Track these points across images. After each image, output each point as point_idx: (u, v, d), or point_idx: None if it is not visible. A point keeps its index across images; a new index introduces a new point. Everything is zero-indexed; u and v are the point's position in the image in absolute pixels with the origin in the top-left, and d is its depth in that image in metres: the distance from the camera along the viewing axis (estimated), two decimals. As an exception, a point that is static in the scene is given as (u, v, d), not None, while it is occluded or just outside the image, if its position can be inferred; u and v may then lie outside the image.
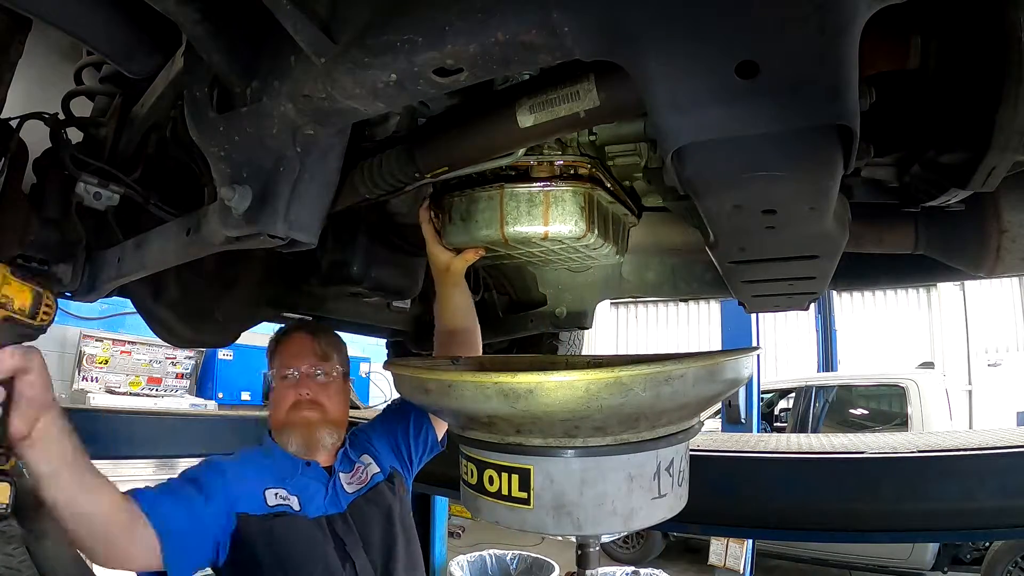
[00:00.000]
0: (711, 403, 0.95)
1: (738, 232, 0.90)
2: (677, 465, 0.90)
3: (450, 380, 0.83)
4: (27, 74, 1.18)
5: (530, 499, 0.85)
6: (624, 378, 0.73)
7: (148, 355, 6.30)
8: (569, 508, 0.84)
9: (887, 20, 0.65)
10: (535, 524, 0.86)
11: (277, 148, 0.82)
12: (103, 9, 0.92)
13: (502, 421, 0.85)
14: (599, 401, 0.74)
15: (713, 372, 0.80)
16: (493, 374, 0.79)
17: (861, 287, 9.53)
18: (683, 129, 0.61)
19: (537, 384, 0.75)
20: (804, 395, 6.49)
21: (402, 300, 1.84)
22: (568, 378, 0.74)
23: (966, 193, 0.89)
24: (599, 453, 0.83)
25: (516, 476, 0.86)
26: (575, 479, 0.83)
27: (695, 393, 0.79)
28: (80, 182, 1.22)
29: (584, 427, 0.81)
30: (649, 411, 0.79)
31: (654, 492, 0.86)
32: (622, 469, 0.84)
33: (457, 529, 7.44)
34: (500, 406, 0.78)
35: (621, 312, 12.51)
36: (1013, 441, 1.78)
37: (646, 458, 0.85)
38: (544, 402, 0.75)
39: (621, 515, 0.84)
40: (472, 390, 0.81)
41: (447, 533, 3.62)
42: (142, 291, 1.56)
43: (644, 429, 0.84)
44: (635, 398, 0.74)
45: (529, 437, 0.85)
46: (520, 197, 1.05)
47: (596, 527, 0.85)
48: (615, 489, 0.84)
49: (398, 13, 0.64)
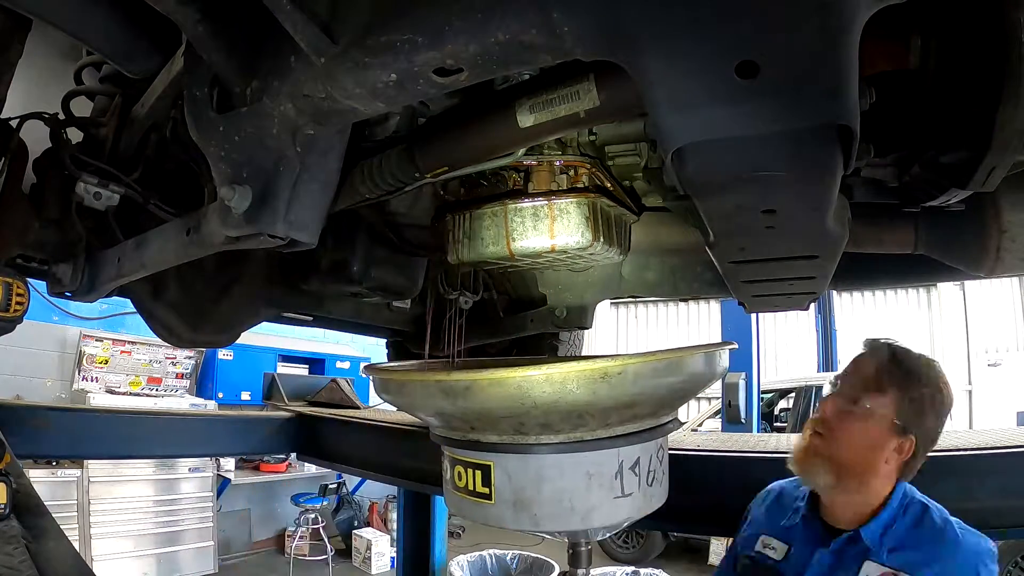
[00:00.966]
0: (677, 400, 0.95)
1: (738, 232, 0.90)
2: (646, 464, 0.91)
3: (403, 380, 0.88)
4: (27, 74, 1.18)
5: (491, 494, 0.88)
6: (555, 375, 0.76)
7: (148, 355, 6.30)
8: (527, 504, 0.86)
9: (887, 20, 0.65)
10: (496, 518, 0.89)
11: (277, 148, 0.82)
12: (103, 9, 0.92)
13: (453, 418, 0.89)
14: (532, 398, 0.77)
15: (657, 369, 0.80)
16: (435, 373, 0.84)
17: (861, 287, 9.52)
18: (683, 129, 0.61)
19: (472, 382, 0.79)
20: (804, 395, 6.48)
21: (402, 300, 1.84)
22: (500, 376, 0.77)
23: (966, 193, 0.89)
24: (554, 450, 0.85)
25: (479, 472, 0.89)
26: (532, 476, 0.86)
27: (639, 390, 0.80)
28: (80, 182, 1.23)
29: (529, 424, 0.83)
30: (591, 409, 0.81)
31: (616, 491, 0.87)
32: (579, 467, 0.86)
33: (457, 529, 7.44)
34: (443, 403, 0.83)
35: (621, 312, 12.51)
36: (1013, 441, 1.78)
37: (605, 456, 0.87)
38: (480, 399, 0.80)
39: (580, 513, 0.86)
40: (419, 389, 0.87)
41: (447, 533, 3.62)
42: (142, 291, 1.56)
43: (597, 427, 0.85)
44: (569, 395, 0.76)
45: (485, 434, 0.88)
46: (524, 212, 1.06)
47: (554, 523, 0.87)
48: (572, 486, 0.86)
49: (398, 13, 0.64)
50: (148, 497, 5.64)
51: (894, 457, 1.16)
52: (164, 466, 5.77)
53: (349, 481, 7.37)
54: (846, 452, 1.16)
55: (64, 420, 2.70)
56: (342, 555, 6.87)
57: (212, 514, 6.06)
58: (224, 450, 4.51)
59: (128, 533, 5.39)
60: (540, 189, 1.08)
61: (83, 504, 5.09)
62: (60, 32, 0.94)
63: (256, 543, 7.03)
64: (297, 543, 6.53)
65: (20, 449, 2.23)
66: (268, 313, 1.85)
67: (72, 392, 5.73)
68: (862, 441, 1.15)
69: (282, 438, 3.44)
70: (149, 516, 5.59)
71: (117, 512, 5.33)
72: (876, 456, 1.15)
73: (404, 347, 2.49)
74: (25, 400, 4.28)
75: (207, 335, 1.71)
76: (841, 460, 1.15)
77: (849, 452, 1.16)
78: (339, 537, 7.15)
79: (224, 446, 3.57)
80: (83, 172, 1.23)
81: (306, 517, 6.63)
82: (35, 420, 2.55)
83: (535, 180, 1.09)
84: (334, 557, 6.51)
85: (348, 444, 3.26)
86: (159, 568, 5.57)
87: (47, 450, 3.07)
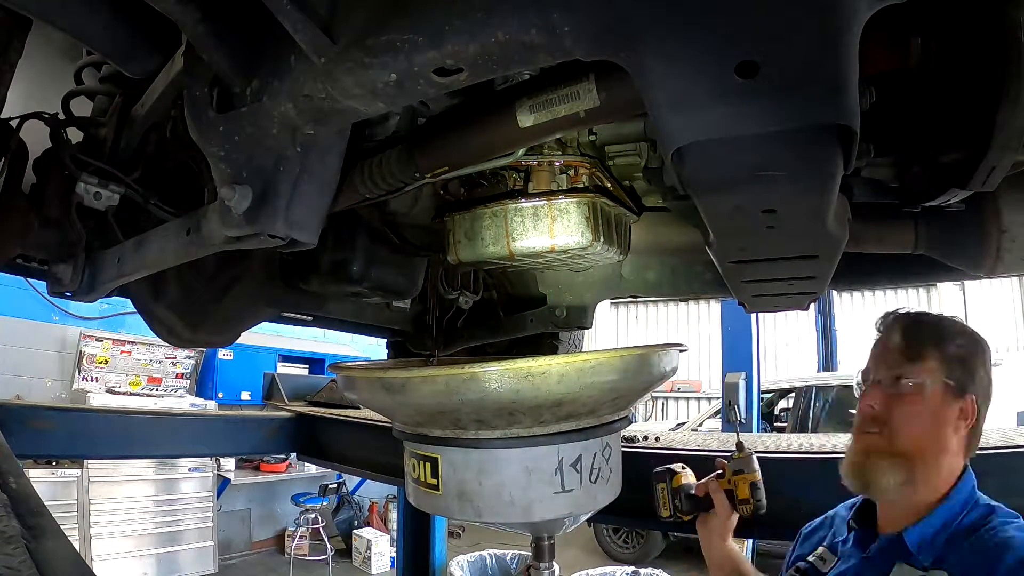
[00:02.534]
0: (619, 400, 0.96)
1: (738, 232, 0.90)
2: (588, 462, 0.93)
3: (353, 377, 0.94)
4: (27, 74, 1.18)
5: (439, 485, 0.93)
6: (479, 374, 0.80)
7: (148, 355, 6.30)
8: (470, 496, 0.91)
9: (887, 20, 0.65)
10: (444, 509, 0.94)
11: (277, 148, 0.82)
12: (103, 9, 0.92)
13: (397, 413, 0.95)
14: (459, 395, 0.81)
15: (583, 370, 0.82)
16: (377, 371, 0.90)
17: (861, 287, 9.53)
18: (683, 129, 0.61)
19: (407, 379, 0.84)
20: (804, 395, 6.48)
21: (402, 300, 1.84)
22: (429, 373, 0.82)
23: (966, 193, 0.89)
24: (492, 445, 0.89)
25: (428, 464, 0.94)
26: (473, 469, 0.90)
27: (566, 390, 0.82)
28: (80, 182, 1.22)
29: (465, 420, 0.87)
30: (518, 407, 0.83)
31: (556, 487, 0.90)
32: (517, 462, 0.89)
33: (457, 529, 7.44)
34: (386, 399, 0.88)
35: (621, 312, 12.51)
36: (1013, 441, 1.78)
37: (544, 453, 0.90)
38: (415, 395, 0.84)
39: (519, 506, 0.90)
40: (365, 384, 0.92)
41: (447, 533, 3.62)
42: (142, 291, 1.56)
43: (532, 424, 0.88)
44: (493, 393, 0.80)
45: (431, 428, 0.93)
46: (524, 212, 1.07)
47: (495, 516, 0.91)
48: (511, 481, 0.90)
49: (398, 13, 0.64)
50: (148, 497, 5.64)
51: (961, 425, 1.02)
52: (164, 466, 5.77)
53: (349, 481, 7.37)
54: (911, 440, 1.01)
55: (64, 420, 2.69)
56: (342, 555, 6.87)
57: (212, 514, 6.06)
58: (224, 450, 4.51)
59: (128, 533, 5.40)
60: (540, 189, 1.08)
61: (83, 504, 5.09)
62: (60, 32, 0.94)
63: (256, 543, 7.03)
64: (297, 543, 6.54)
65: (20, 449, 2.23)
66: (268, 313, 1.85)
67: (72, 392, 5.74)
68: (925, 421, 1.01)
69: (282, 438, 3.43)
70: (149, 516, 5.59)
71: (117, 512, 5.34)
72: (944, 431, 1.01)
73: (404, 347, 2.49)
74: (25, 400, 4.29)
75: (207, 335, 1.71)
76: (909, 451, 1.01)
77: (915, 438, 1.01)
78: (339, 537, 7.16)
79: (224, 446, 3.57)
80: (83, 172, 1.22)
81: (306, 517, 6.64)
82: (35, 420, 2.55)
83: (535, 180, 1.09)
84: (334, 557, 6.51)
85: (348, 444, 3.26)
86: (159, 568, 5.57)
87: (47, 450, 3.07)
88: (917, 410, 1.02)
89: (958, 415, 1.02)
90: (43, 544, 0.87)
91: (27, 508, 0.86)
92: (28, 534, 0.85)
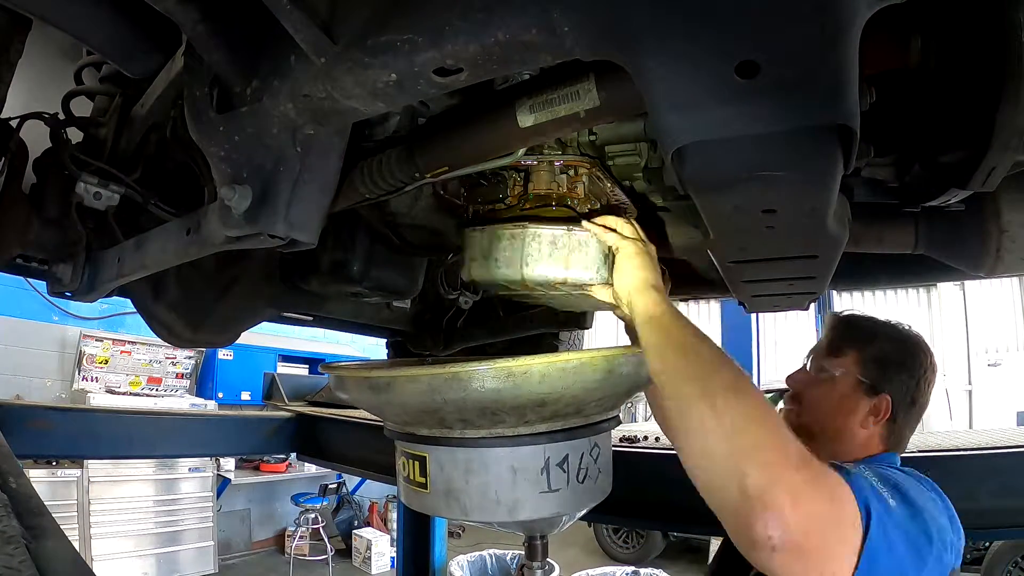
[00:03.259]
0: (605, 400, 0.95)
1: (738, 232, 0.90)
2: (575, 462, 0.93)
3: (343, 376, 0.94)
4: (27, 74, 1.18)
5: (427, 484, 0.93)
6: (461, 374, 0.80)
7: (148, 355, 6.30)
8: (457, 494, 0.91)
9: (887, 20, 0.65)
10: (432, 507, 0.94)
11: (277, 148, 0.82)
12: (103, 9, 0.92)
13: (385, 412, 0.95)
14: (442, 395, 0.81)
15: (565, 370, 0.81)
16: (363, 370, 0.90)
17: (861, 287, 9.52)
18: (683, 129, 0.61)
19: (392, 379, 0.84)
20: (804, 395, 6.48)
21: (402, 300, 1.84)
22: (413, 373, 0.82)
23: (966, 193, 0.89)
24: (476, 444, 0.89)
25: (417, 462, 0.94)
26: (460, 468, 0.90)
27: (548, 390, 0.81)
28: (80, 182, 1.23)
29: (449, 419, 0.87)
30: (500, 406, 0.83)
31: (542, 486, 0.90)
32: (504, 461, 0.89)
33: (457, 529, 7.45)
34: (373, 398, 0.89)
35: (621, 312, 12.50)
36: (1013, 441, 1.78)
37: (530, 452, 0.90)
38: (400, 394, 0.85)
39: (505, 505, 0.89)
40: (353, 384, 0.93)
41: (447, 533, 3.62)
42: (142, 291, 1.56)
43: (517, 424, 0.88)
44: (475, 393, 0.80)
45: (418, 427, 0.93)
46: (543, 239, 1.02)
47: (482, 514, 0.91)
48: (497, 480, 0.89)
49: (398, 13, 0.64)
50: (148, 497, 5.64)
51: (871, 421, 1.14)
52: (164, 466, 5.77)
53: (349, 481, 7.38)
54: (816, 416, 1.18)
55: (64, 420, 2.70)
56: (342, 555, 6.87)
57: (212, 514, 6.06)
58: (224, 450, 4.52)
59: (128, 533, 5.40)
60: (540, 189, 1.08)
61: (83, 504, 5.09)
62: (60, 32, 0.94)
63: (256, 543, 7.04)
64: (297, 543, 6.54)
65: (20, 449, 2.23)
66: (268, 313, 1.85)
67: (72, 392, 5.73)
68: (829, 404, 1.17)
69: (282, 438, 3.44)
70: (149, 516, 5.59)
71: (117, 512, 5.34)
72: (849, 419, 1.15)
73: (404, 347, 2.50)
74: (25, 400, 4.29)
75: (207, 335, 1.71)
76: (811, 426, 1.16)
77: (818, 416, 1.18)
78: (339, 537, 7.16)
79: (224, 446, 3.57)
80: (83, 172, 1.23)
81: (306, 517, 6.64)
82: (35, 420, 2.55)
83: (535, 180, 1.08)
84: (334, 557, 6.52)
85: (348, 444, 3.27)
86: (159, 568, 5.58)
87: (47, 450, 3.07)
88: (825, 395, 1.18)
89: (869, 410, 1.14)
90: (43, 544, 0.87)
91: (27, 508, 0.86)
92: (28, 534, 0.85)
